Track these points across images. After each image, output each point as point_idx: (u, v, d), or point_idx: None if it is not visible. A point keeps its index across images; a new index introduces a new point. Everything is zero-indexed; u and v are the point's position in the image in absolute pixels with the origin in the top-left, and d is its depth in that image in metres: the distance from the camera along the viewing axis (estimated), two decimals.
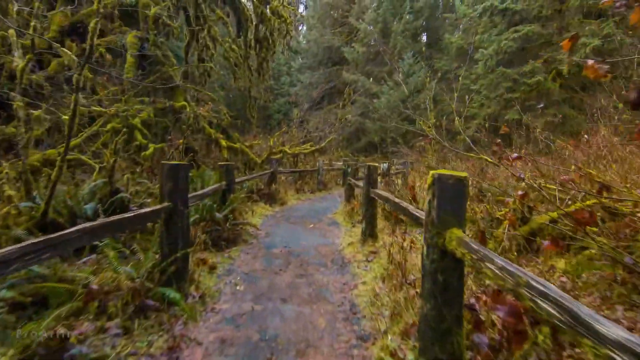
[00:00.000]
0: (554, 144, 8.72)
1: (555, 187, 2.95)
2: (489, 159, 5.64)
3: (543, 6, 13.60)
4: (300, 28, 34.37)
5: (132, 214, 2.19)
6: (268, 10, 11.69)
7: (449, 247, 1.72)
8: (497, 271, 1.36)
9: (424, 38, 26.81)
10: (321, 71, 25.92)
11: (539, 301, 1.12)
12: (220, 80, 24.71)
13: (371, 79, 21.51)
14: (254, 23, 11.77)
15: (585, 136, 7.05)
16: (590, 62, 1.60)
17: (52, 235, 1.57)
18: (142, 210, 2.38)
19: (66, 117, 3.92)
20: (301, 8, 35.58)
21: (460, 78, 19.72)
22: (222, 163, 4.88)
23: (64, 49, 3.83)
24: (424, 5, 23.14)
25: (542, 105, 9.93)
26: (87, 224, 1.78)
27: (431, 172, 1.84)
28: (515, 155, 2.96)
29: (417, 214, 2.49)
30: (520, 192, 2.87)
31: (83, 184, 4.44)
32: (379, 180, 9.96)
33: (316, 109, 24.23)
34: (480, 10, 14.44)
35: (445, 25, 24.59)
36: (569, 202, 3.01)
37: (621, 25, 11.39)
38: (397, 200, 3.31)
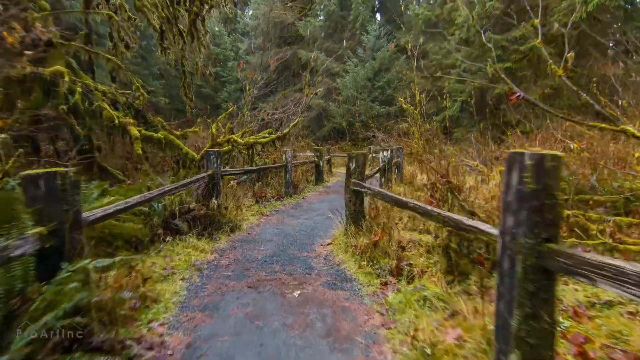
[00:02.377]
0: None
1: None
2: None
3: None
4: (246, 11, 30.55)
5: None
6: None
7: None
8: None
9: (379, 16, 24.69)
10: (273, 52, 22.74)
11: None
12: (159, 66, 20.61)
13: (332, 57, 18.91)
14: None
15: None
16: None
17: None
18: None
19: None
20: None
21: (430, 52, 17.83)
22: (28, 173, 1.62)
23: None
24: None
25: None
26: None
27: None
28: None
29: None
30: None
31: None
32: (377, 177, 7.12)
33: (268, 92, 21.11)
34: None
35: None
36: None
37: None
38: None
